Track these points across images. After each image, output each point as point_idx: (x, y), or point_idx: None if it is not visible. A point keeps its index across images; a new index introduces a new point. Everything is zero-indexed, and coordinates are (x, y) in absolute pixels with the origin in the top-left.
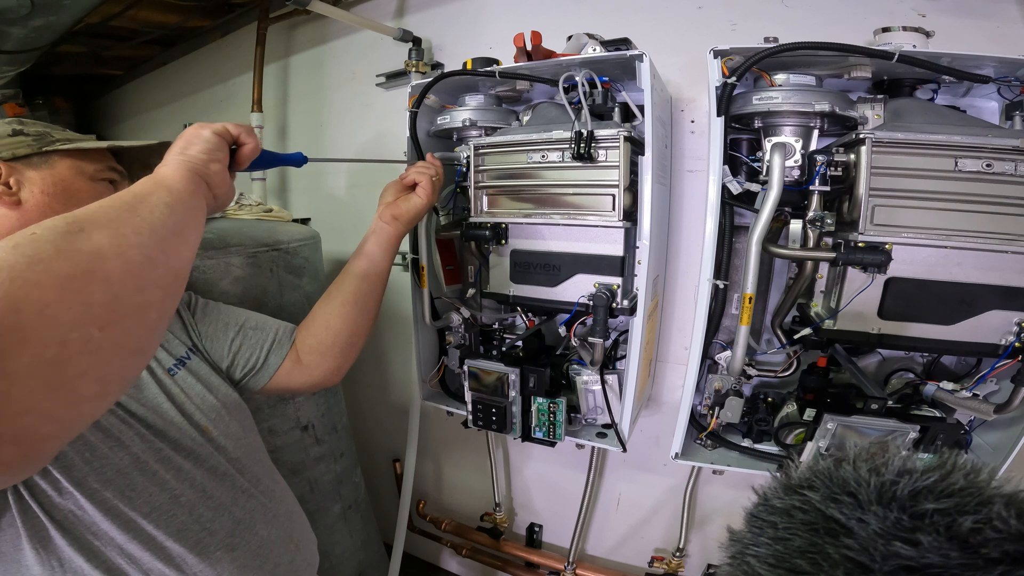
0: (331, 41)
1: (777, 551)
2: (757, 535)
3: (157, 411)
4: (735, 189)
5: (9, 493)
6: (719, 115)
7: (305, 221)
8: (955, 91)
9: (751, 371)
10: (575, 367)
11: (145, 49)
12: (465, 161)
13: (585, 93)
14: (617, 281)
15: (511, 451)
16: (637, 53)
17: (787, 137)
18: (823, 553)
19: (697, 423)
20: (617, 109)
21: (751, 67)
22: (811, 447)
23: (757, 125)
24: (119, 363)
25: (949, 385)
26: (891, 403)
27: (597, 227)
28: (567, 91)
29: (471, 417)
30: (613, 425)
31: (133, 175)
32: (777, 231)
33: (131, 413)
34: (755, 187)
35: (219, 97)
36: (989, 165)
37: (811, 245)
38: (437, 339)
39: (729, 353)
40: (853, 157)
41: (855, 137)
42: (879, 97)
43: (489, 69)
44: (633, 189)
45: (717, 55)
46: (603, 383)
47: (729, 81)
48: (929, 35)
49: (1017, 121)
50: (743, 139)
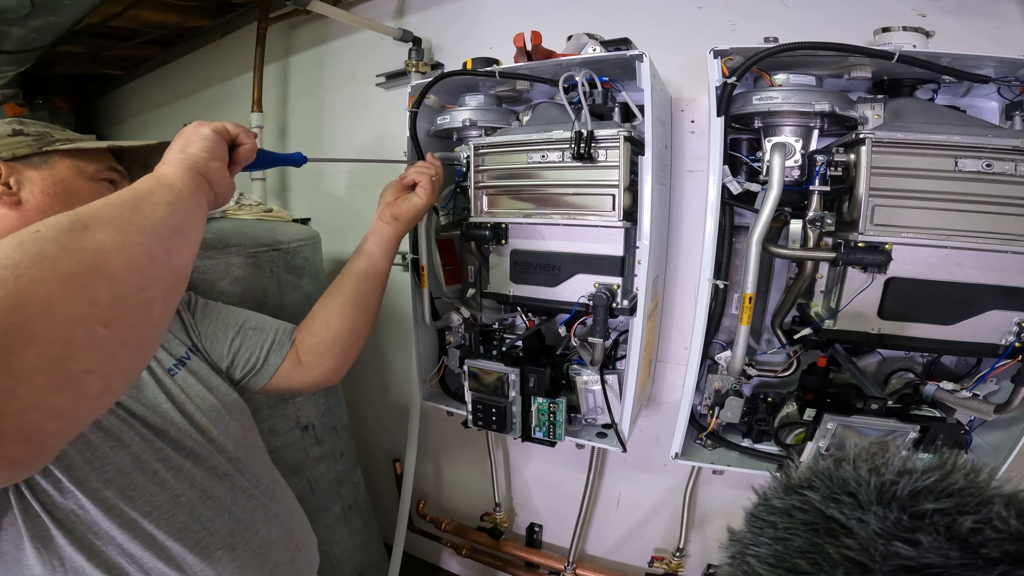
0: (331, 41)
1: (777, 551)
2: (757, 535)
3: (157, 411)
4: (735, 189)
5: (11, 493)
6: (719, 115)
7: (305, 221)
8: (955, 91)
9: (751, 371)
10: (575, 367)
11: (145, 49)
12: (465, 161)
13: (585, 93)
14: (617, 281)
15: (511, 451)
16: (637, 53)
17: (787, 137)
18: (823, 553)
19: (697, 423)
20: (617, 109)
21: (751, 67)
22: (811, 447)
23: (757, 125)
24: (123, 360)
25: (949, 385)
26: (891, 403)
27: (597, 227)
28: (567, 91)
29: (471, 417)
30: (613, 425)
31: (133, 175)
32: (777, 231)
33: (131, 413)
34: (755, 187)
35: (219, 97)
36: (989, 165)
37: (811, 245)
38: (437, 339)
39: (729, 353)
40: (853, 157)
41: (855, 137)
42: (879, 97)
43: (489, 69)
44: (633, 189)
45: (717, 55)
46: (603, 383)
47: (729, 81)
48: (929, 35)
49: (1017, 121)
50: (743, 139)
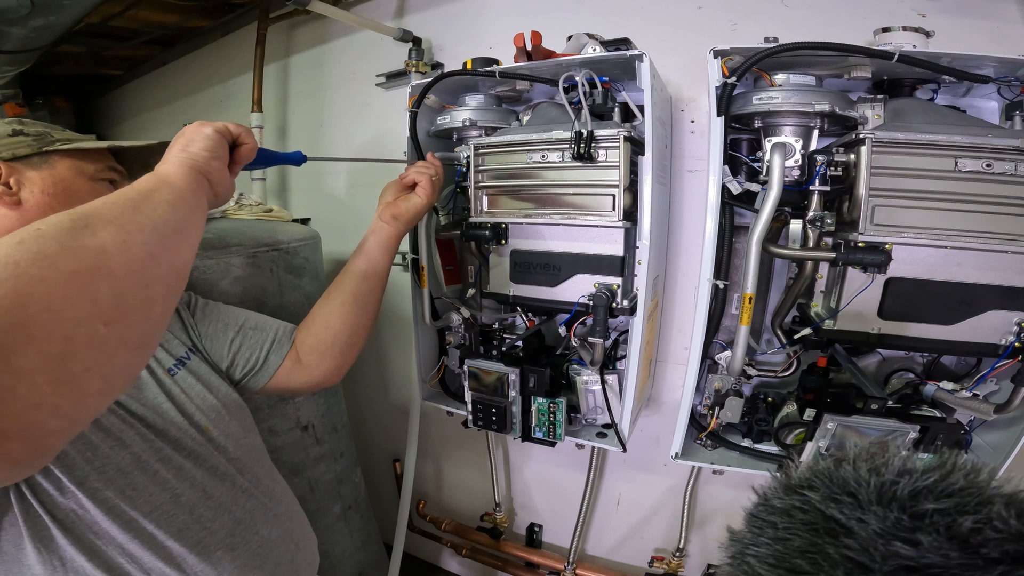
0: (331, 41)
1: (777, 551)
2: (757, 535)
3: (157, 411)
4: (735, 189)
5: (11, 492)
6: (719, 115)
7: (305, 221)
8: (955, 91)
9: (751, 371)
10: (575, 367)
11: (145, 49)
12: (465, 161)
13: (585, 93)
14: (617, 281)
15: (511, 451)
16: (637, 53)
17: (787, 137)
18: (823, 553)
19: (697, 423)
20: (617, 109)
21: (751, 67)
22: (811, 447)
23: (757, 125)
24: (123, 358)
25: (949, 385)
26: (891, 403)
27: (597, 227)
28: (567, 91)
29: (471, 417)
30: (613, 425)
31: (133, 175)
32: (777, 231)
33: (132, 413)
34: (755, 187)
35: (219, 97)
36: (989, 165)
37: (811, 245)
38: (437, 339)
39: (729, 353)
40: (853, 157)
41: (855, 137)
42: (879, 97)
43: (489, 69)
44: (633, 189)
45: (717, 55)
46: (603, 383)
47: (729, 81)
48: (929, 35)
49: (1017, 121)
50: (743, 139)
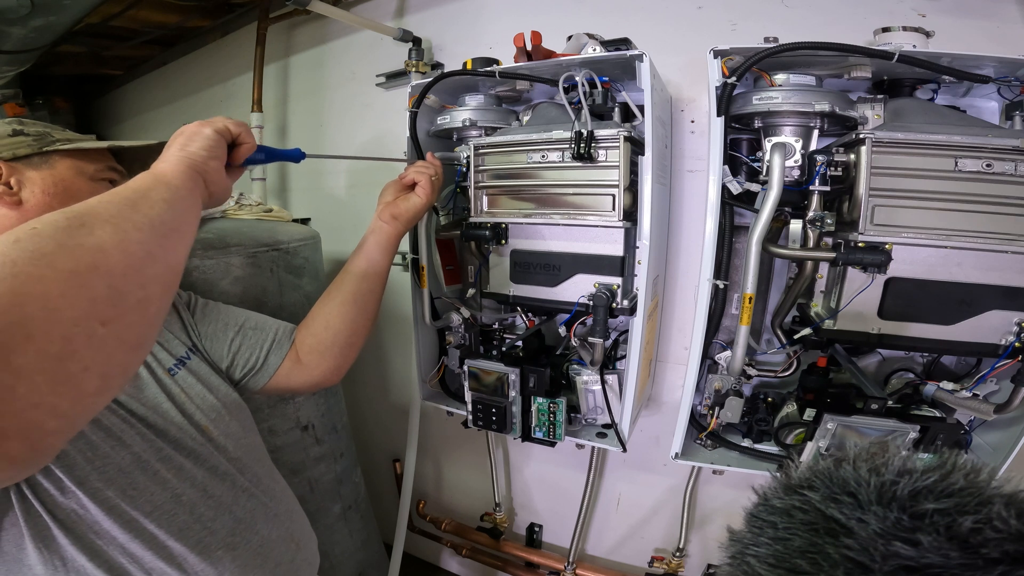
0: (331, 41)
1: (777, 551)
2: (757, 535)
3: (157, 411)
4: (735, 189)
5: (12, 492)
6: (719, 115)
7: (305, 221)
8: (955, 91)
9: (751, 371)
10: (575, 367)
11: (145, 49)
12: (465, 161)
13: (585, 93)
14: (617, 281)
15: (511, 451)
16: (637, 53)
17: (787, 137)
18: (823, 553)
19: (697, 423)
20: (617, 109)
21: (751, 67)
22: (811, 447)
23: (757, 125)
24: (120, 357)
25: (949, 385)
26: (891, 403)
27: (597, 227)
28: (567, 91)
29: (471, 417)
30: (613, 425)
31: (133, 175)
32: (777, 231)
33: (132, 412)
34: (755, 187)
35: (219, 97)
36: (989, 165)
37: (811, 245)
38: (437, 339)
39: (729, 353)
40: (853, 157)
41: (855, 137)
42: (879, 97)
43: (489, 69)
44: (633, 189)
45: (717, 55)
46: (603, 383)
47: (729, 81)
48: (929, 35)
49: (1017, 121)
50: (743, 139)
